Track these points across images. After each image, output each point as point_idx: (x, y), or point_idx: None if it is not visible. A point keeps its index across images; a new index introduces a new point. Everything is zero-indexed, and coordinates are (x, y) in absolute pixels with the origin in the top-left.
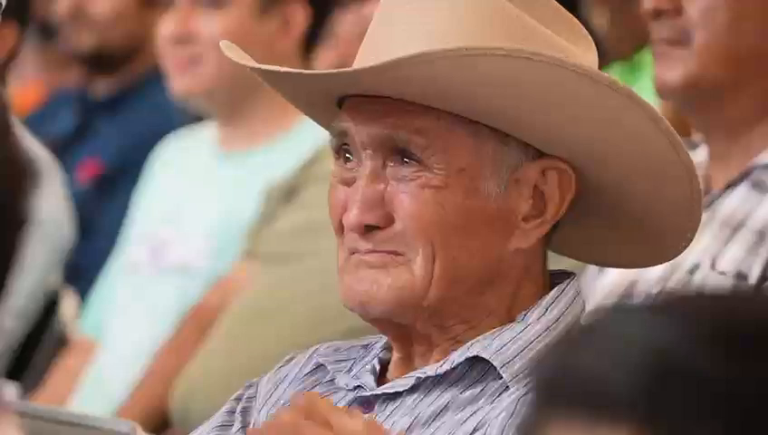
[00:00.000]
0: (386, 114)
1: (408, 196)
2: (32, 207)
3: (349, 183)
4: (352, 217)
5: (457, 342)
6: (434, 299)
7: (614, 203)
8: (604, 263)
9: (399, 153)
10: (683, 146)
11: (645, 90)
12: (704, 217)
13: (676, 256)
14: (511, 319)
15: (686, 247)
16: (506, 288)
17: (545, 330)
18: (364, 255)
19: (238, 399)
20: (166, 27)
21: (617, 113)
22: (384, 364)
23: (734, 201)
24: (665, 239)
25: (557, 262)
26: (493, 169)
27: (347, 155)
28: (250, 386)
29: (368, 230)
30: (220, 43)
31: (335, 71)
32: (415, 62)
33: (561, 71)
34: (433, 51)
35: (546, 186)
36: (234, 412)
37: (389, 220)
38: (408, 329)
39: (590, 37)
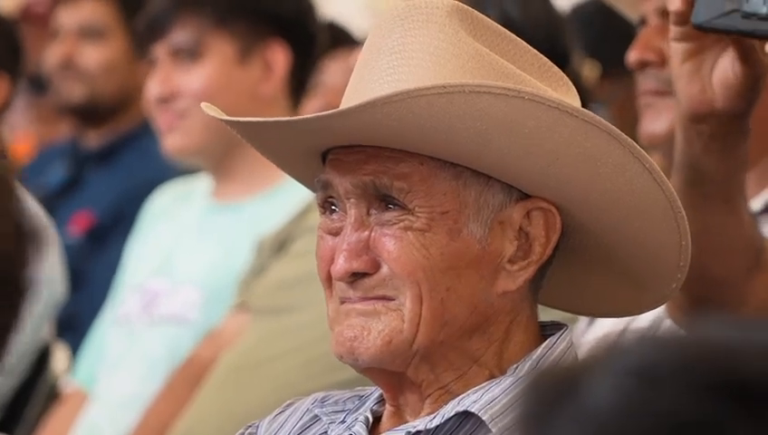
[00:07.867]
0: (367, 162)
1: (391, 238)
2: (34, 273)
3: (335, 233)
4: (339, 266)
5: (447, 392)
6: (422, 343)
7: (601, 245)
8: (595, 312)
9: (382, 200)
10: (668, 184)
11: None
12: None
13: (669, 299)
14: (500, 369)
15: (677, 289)
16: (495, 334)
17: None
18: (355, 303)
19: None
20: (152, 88)
21: (598, 150)
22: (378, 416)
23: None
24: (655, 281)
25: (548, 315)
26: (476, 212)
27: (332, 207)
28: (249, 426)
29: (356, 278)
30: (201, 105)
31: (310, 116)
32: (385, 103)
33: (538, 106)
34: (404, 90)
35: (531, 227)
36: None
37: (376, 266)
38: (398, 377)
39: (570, 84)
